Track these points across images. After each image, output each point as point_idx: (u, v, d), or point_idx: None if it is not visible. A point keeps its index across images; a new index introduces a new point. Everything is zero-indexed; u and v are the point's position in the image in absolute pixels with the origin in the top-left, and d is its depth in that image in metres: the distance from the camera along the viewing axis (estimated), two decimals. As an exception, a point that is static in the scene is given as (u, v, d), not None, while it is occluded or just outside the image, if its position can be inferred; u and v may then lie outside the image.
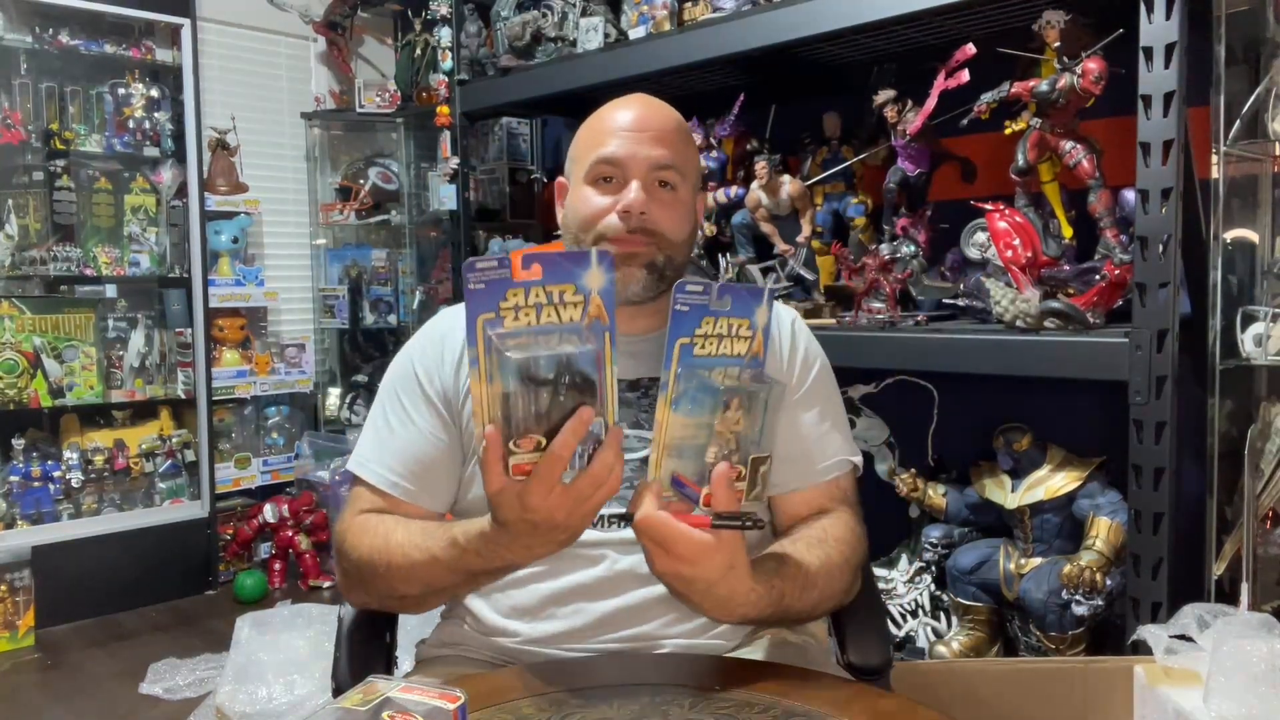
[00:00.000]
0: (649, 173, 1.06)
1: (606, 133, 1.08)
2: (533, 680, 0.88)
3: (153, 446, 3.20)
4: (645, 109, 1.10)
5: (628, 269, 1.06)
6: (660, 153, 1.07)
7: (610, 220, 1.06)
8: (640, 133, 1.07)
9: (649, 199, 1.06)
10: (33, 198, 3.01)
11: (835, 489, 1.12)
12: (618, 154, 1.06)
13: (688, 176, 1.10)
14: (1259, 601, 1.44)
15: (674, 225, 1.08)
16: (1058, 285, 1.63)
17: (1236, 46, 1.50)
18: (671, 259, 1.08)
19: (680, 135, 1.11)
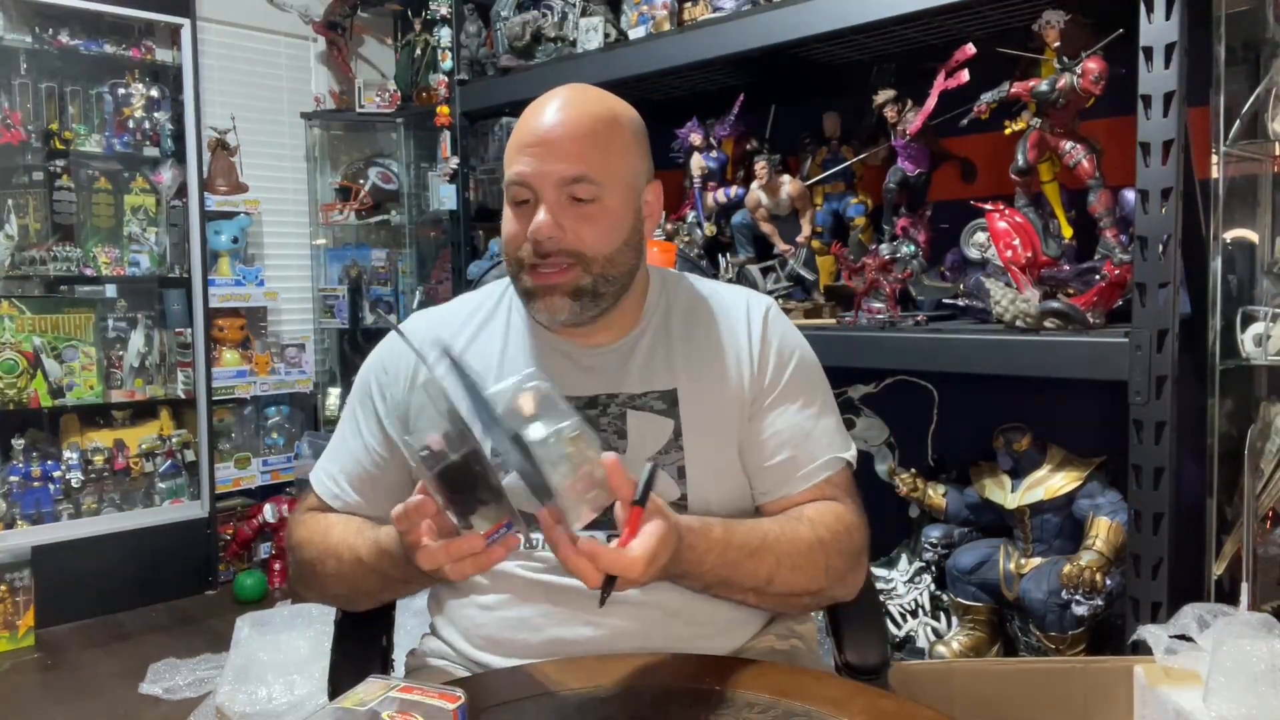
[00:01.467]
0: (559, 189, 0.97)
1: (518, 146, 0.99)
2: (533, 680, 0.88)
3: (153, 446, 3.20)
4: (559, 113, 0.99)
5: (550, 299, 0.98)
6: (568, 166, 0.96)
7: (526, 247, 0.98)
8: (549, 145, 0.97)
9: (562, 218, 0.97)
10: (33, 198, 3.01)
11: (826, 487, 1.06)
12: (525, 173, 0.97)
13: (611, 182, 0.99)
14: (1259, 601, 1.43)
15: (597, 240, 0.98)
16: (1058, 285, 1.63)
17: (1236, 46, 1.50)
18: (603, 275, 0.99)
19: (599, 138, 0.99)
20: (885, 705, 0.85)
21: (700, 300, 1.11)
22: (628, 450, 1.01)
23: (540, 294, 0.99)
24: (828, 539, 1.00)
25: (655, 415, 1.03)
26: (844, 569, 1.03)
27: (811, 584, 1.00)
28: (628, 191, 1.01)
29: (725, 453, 1.05)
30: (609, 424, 1.03)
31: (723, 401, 1.05)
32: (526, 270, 0.99)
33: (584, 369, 1.05)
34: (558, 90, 1.04)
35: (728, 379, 1.05)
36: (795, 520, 1.01)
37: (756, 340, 1.08)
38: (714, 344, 1.07)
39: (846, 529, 1.03)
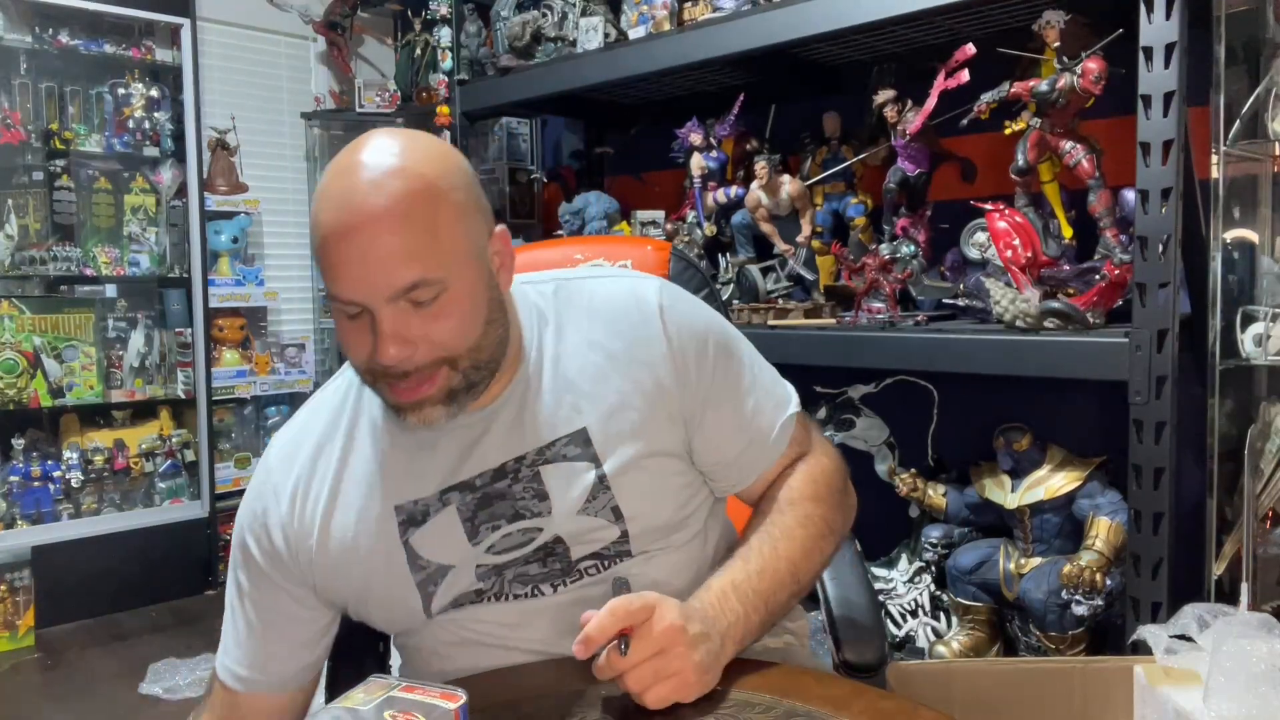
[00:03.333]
0: (390, 304, 0.81)
1: (326, 257, 0.81)
2: (533, 680, 0.88)
3: (153, 446, 3.20)
4: (364, 206, 0.80)
5: (420, 412, 0.86)
6: (395, 276, 0.80)
7: (374, 366, 0.84)
8: (363, 252, 0.79)
9: (408, 330, 0.82)
10: (33, 198, 3.01)
11: (788, 455, 1.02)
12: (346, 294, 0.82)
13: (451, 266, 0.82)
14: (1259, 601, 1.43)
15: (455, 336, 0.84)
16: (1058, 285, 1.63)
17: (1236, 46, 1.50)
18: (473, 366, 0.86)
19: (422, 224, 0.81)
20: (885, 705, 0.85)
21: (586, 312, 0.97)
22: (553, 509, 0.92)
23: (408, 409, 0.86)
24: (816, 510, 0.98)
25: (571, 463, 0.92)
26: (842, 516, 1.01)
27: (829, 552, 0.98)
28: (473, 264, 0.85)
29: (659, 475, 0.95)
30: (525, 489, 0.92)
31: (642, 420, 0.94)
32: (384, 386, 0.86)
33: (477, 441, 0.92)
34: (349, 165, 0.83)
35: (642, 397, 0.94)
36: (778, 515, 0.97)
37: (659, 339, 0.95)
38: (615, 360, 0.94)
39: (825, 482, 1.01)
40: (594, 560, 0.94)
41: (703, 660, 0.81)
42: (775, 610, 0.92)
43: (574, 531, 0.93)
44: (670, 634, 0.79)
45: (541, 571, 0.93)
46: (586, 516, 0.93)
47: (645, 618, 0.80)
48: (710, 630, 0.84)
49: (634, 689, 0.79)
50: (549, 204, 3.02)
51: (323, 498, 0.94)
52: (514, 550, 0.92)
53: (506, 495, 0.92)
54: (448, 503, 0.92)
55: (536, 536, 0.92)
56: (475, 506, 0.92)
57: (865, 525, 1.12)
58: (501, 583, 0.94)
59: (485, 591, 0.94)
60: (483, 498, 0.92)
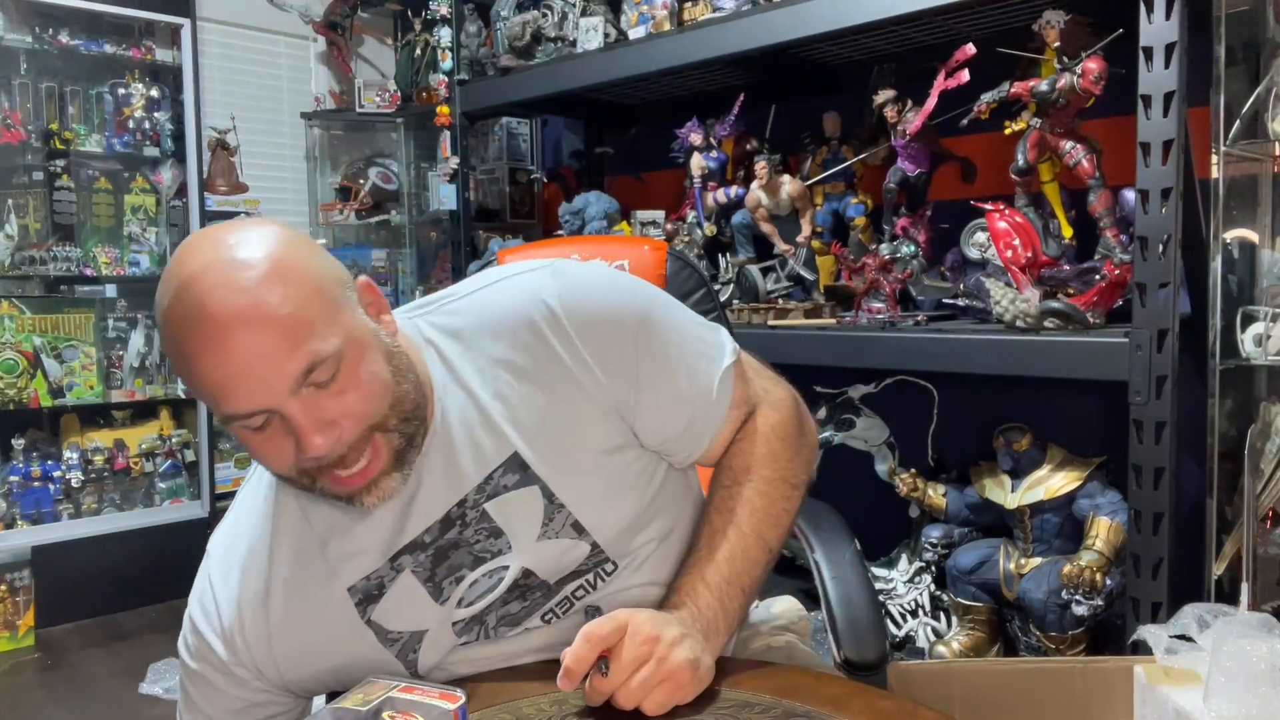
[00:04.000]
0: (292, 398, 0.76)
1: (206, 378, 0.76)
2: (533, 680, 0.88)
3: (153, 446, 3.20)
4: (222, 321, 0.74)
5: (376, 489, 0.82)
6: (289, 369, 0.75)
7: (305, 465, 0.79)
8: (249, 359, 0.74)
9: (322, 415, 0.77)
10: (33, 198, 3.01)
11: (736, 410, 0.96)
12: (250, 407, 0.76)
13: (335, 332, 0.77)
14: (1259, 601, 1.43)
15: (369, 402, 0.79)
16: (1058, 285, 1.63)
17: (1236, 46, 1.50)
18: (406, 419, 0.82)
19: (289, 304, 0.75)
20: (885, 705, 0.85)
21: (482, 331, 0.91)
22: (512, 543, 0.88)
23: (361, 493, 0.82)
24: (772, 472, 0.94)
25: (515, 492, 0.88)
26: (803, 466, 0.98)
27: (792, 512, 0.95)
28: (355, 325, 0.80)
29: (606, 471, 0.91)
30: (476, 531, 0.88)
31: (573, 428, 0.89)
32: (326, 479, 0.81)
33: (413, 496, 0.87)
34: (189, 276, 0.76)
35: (563, 401, 0.89)
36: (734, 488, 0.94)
37: (565, 341, 0.89)
38: (525, 374, 0.89)
39: (775, 434, 0.97)
40: (578, 583, 0.92)
41: (690, 657, 0.80)
42: (752, 589, 0.91)
43: (541, 559, 0.89)
44: (648, 644, 0.79)
45: (524, 606, 0.91)
46: (549, 540, 0.89)
47: (620, 636, 0.79)
48: (689, 629, 0.83)
49: (628, 705, 0.78)
50: (549, 204, 3.02)
51: (271, 603, 0.89)
52: (487, 595, 0.90)
53: (460, 543, 0.88)
54: (401, 568, 0.88)
55: (504, 575, 0.89)
56: (432, 564, 0.88)
57: (865, 525, 1.12)
58: (485, 629, 0.92)
59: (472, 641, 0.92)
60: (437, 553, 0.88)
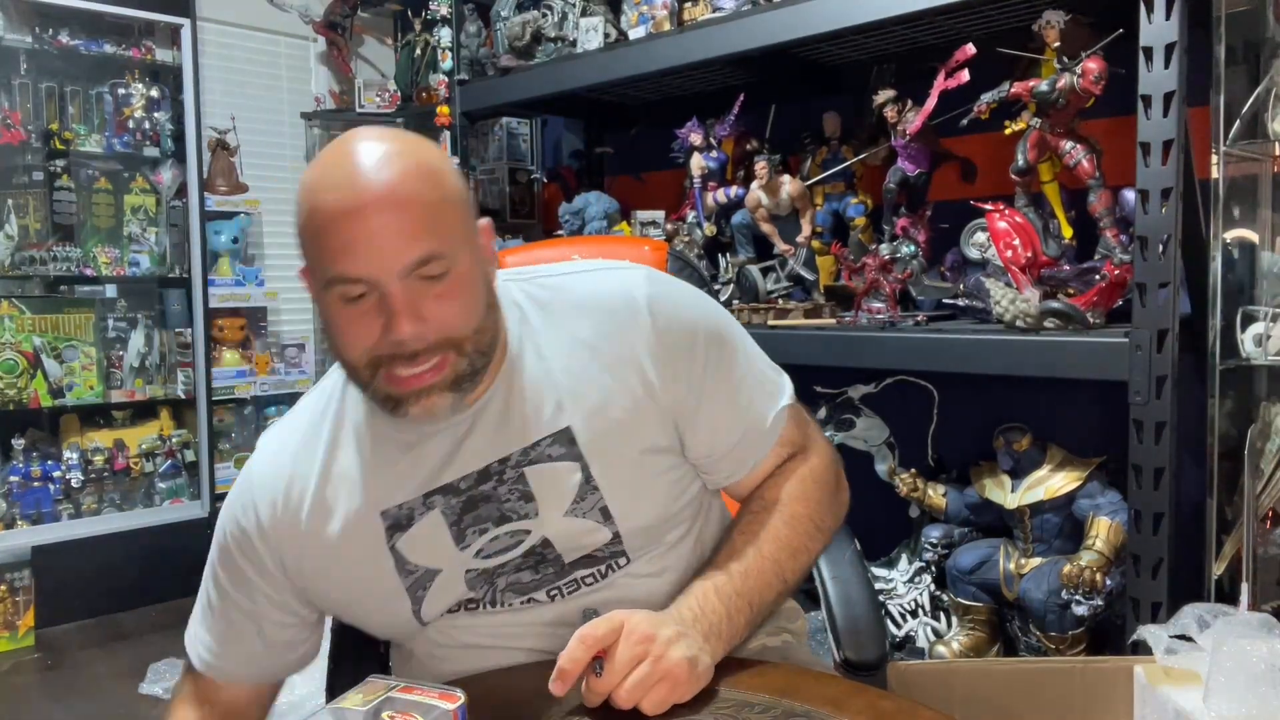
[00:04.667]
0: (402, 278, 0.80)
1: (329, 236, 0.80)
2: (533, 680, 0.88)
3: (153, 446, 3.20)
4: (368, 183, 0.80)
5: (426, 401, 0.84)
6: (409, 250, 0.79)
7: (384, 351, 0.82)
8: (373, 229, 0.79)
9: (420, 307, 0.81)
10: (33, 198, 3.01)
11: (781, 447, 1.00)
12: (355, 272, 0.80)
13: (456, 244, 0.82)
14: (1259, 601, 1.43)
15: (462, 317, 0.83)
16: (1058, 285, 1.63)
17: (1236, 46, 1.50)
18: (476, 351, 0.85)
19: (425, 196, 0.81)
20: (885, 705, 0.85)
21: (570, 309, 0.95)
22: (540, 510, 0.90)
23: (411, 400, 0.84)
24: (804, 509, 0.96)
25: (556, 464, 0.90)
26: (832, 514, 1.00)
27: (816, 550, 0.96)
28: (470, 245, 0.86)
29: (649, 473, 0.94)
30: (509, 490, 0.90)
31: (629, 419, 0.92)
32: (385, 378, 0.83)
33: (460, 443, 0.90)
34: (342, 151, 0.83)
35: (629, 394, 0.92)
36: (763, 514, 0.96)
37: (646, 334, 0.92)
38: (599, 358, 0.92)
39: (814, 480, 0.99)
40: (589, 568, 0.93)
41: (687, 655, 0.80)
42: (762, 609, 0.91)
43: (562, 533, 0.91)
44: (643, 643, 0.79)
45: (534, 579, 0.93)
46: (575, 518, 0.91)
47: (615, 637, 0.79)
48: (687, 630, 0.83)
49: (625, 705, 0.78)
50: (549, 204, 3.02)
51: (306, 503, 0.92)
52: (503, 554, 0.91)
53: (492, 498, 0.91)
54: (432, 506, 0.91)
55: (525, 539, 0.91)
56: (460, 510, 0.91)
57: (865, 525, 1.12)
58: (494, 591, 0.93)
59: (479, 600, 0.93)
60: (468, 501, 0.91)
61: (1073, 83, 1.57)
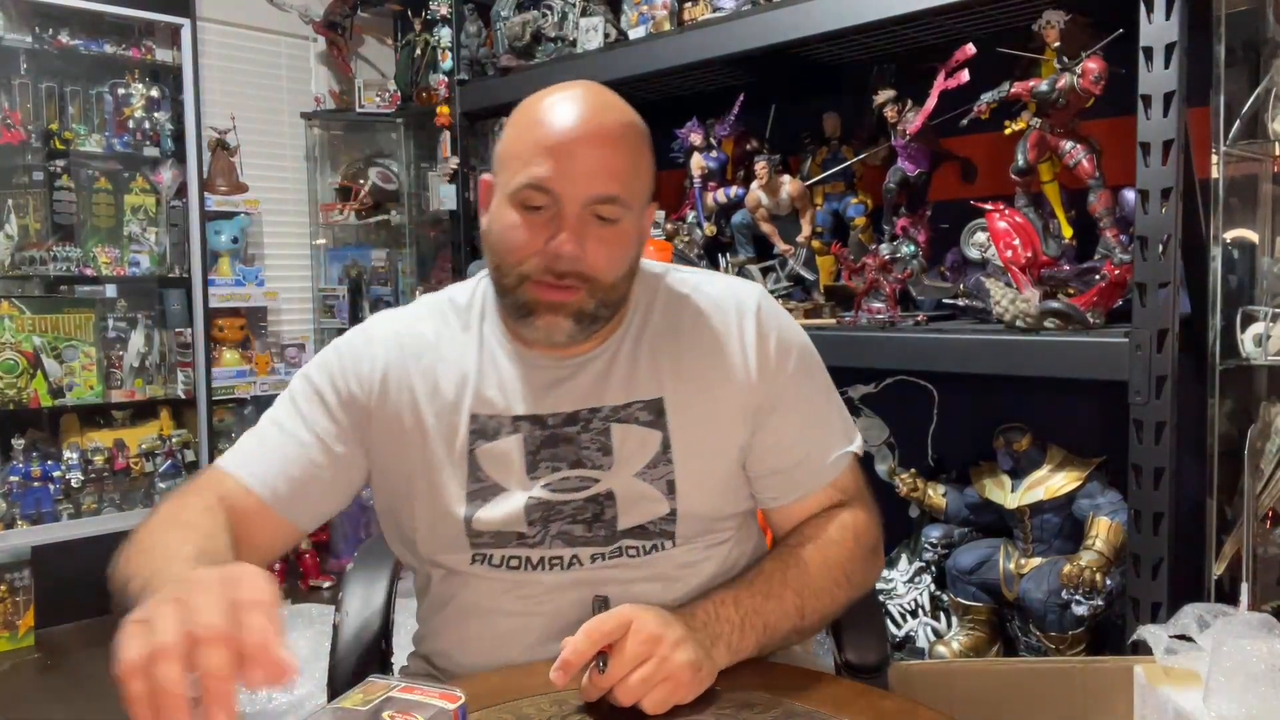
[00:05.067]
0: (585, 206, 0.90)
1: (541, 145, 0.89)
2: (533, 680, 0.88)
3: (153, 446, 3.20)
4: (591, 119, 0.90)
5: (552, 317, 0.92)
6: (602, 185, 0.89)
7: (537, 261, 0.91)
8: (580, 152, 0.89)
9: (584, 238, 0.90)
10: (33, 198, 3.01)
11: (835, 490, 1.03)
12: (548, 181, 0.88)
13: (634, 201, 0.93)
14: (1259, 601, 1.43)
15: (610, 265, 0.92)
16: (1058, 285, 1.63)
17: (1236, 46, 1.50)
18: (605, 300, 0.94)
19: (630, 150, 0.93)
20: (886, 705, 0.85)
21: (684, 299, 1.03)
22: (614, 465, 0.96)
23: (542, 311, 0.92)
24: (838, 555, 0.98)
25: (641, 427, 0.97)
26: (865, 573, 1.01)
27: (840, 599, 0.98)
28: (641, 213, 0.96)
29: (718, 463, 0.99)
30: (591, 439, 0.97)
31: (716, 410, 0.98)
32: (530, 284, 0.92)
33: (562, 383, 0.98)
34: (574, 87, 0.94)
35: (721, 384, 0.99)
36: (799, 549, 0.98)
37: (751, 340, 1.00)
38: (703, 347, 1.00)
39: (855, 534, 1.00)
40: (637, 540, 0.96)
41: (692, 659, 0.81)
42: (773, 637, 0.91)
43: (627, 492, 0.96)
44: (650, 643, 0.79)
45: (585, 535, 0.96)
46: (642, 481, 0.96)
47: (622, 633, 0.80)
48: (696, 633, 0.84)
49: (626, 702, 0.79)
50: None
51: (414, 373, 0.99)
52: (568, 493, 0.96)
53: (573, 441, 0.97)
54: (517, 430, 0.96)
55: (592, 485, 0.96)
56: (541, 443, 0.96)
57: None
58: (545, 535, 0.95)
59: (528, 538, 0.95)
60: (550, 437, 0.97)
61: (1073, 83, 1.57)
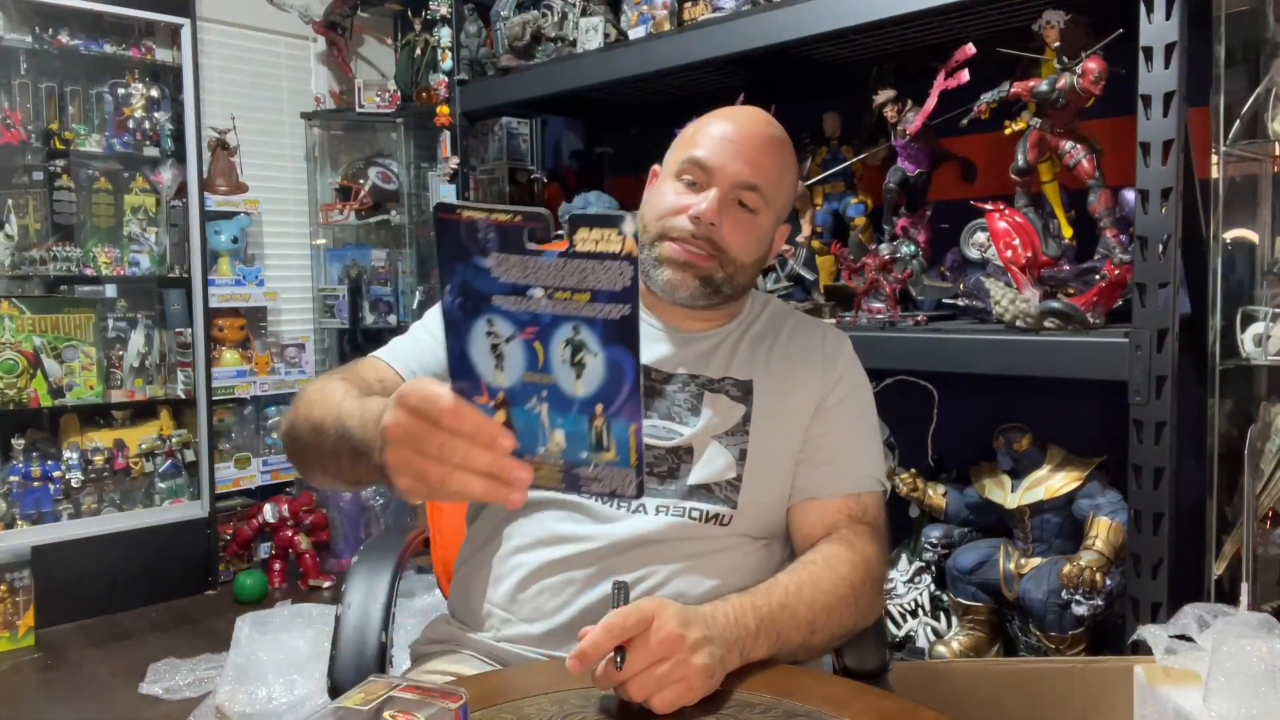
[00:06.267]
0: (732, 188, 1.06)
1: (706, 135, 1.08)
2: (533, 680, 0.88)
3: (153, 446, 3.20)
4: (754, 124, 1.09)
5: (682, 274, 1.06)
6: (749, 172, 1.06)
7: (679, 221, 1.06)
8: (738, 145, 1.07)
9: (723, 213, 1.05)
10: (33, 198, 3.01)
11: (856, 504, 1.08)
12: (707, 159, 1.06)
13: (772, 204, 1.09)
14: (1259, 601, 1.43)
15: (742, 246, 1.07)
16: (1058, 285, 1.63)
17: (1236, 46, 1.50)
18: (731, 278, 1.08)
19: (780, 157, 1.10)
20: (886, 705, 0.85)
21: (787, 314, 1.20)
22: (698, 425, 1.07)
23: (674, 265, 1.06)
24: (850, 576, 1.00)
25: (729, 400, 1.09)
26: (870, 602, 1.03)
27: (848, 622, 1.00)
28: (778, 218, 1.12)
29: (783, 445, 1.09)
30: (685, 400, 1.09)
31: (792, 406, 1.10)
32: (668, 242, 1.07)
33: (673, 349, 1.12)
34: (750, 109, 1.13)
35: (801, 388, 1.11)
36: (813, 565, 1.00)
37: (832, 360, 1.14)
38: (794, 356, 1.14)
39: (866, 561, 1.03)
40: (701, 500, 1.04)
41: (706, 663, 0.81)
42: (784, 647, 0.93)
43: (705, 449, 1.06)
44: (669, 642, 0.80)
45: (658, 487, 1.04)
46: (720, 445, 1.06)
47: (643, 629, 0.80)
48: (714, 635, 0.84)
49: (637, 697, 0.79)
50: (549, 204, 3.01)
51: None
52: (653, 439, 1.06)
53: (667, 397, 1.09)
54: None
55: (675, 438, 1.06)
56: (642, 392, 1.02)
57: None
58: None
59: None
60: (649, 388, 1.09)
61: (1073, 83, 1.57)
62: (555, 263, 0.66)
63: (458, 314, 0.68)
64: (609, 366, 0.68)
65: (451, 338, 0.69)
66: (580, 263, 0.65)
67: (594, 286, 0.66)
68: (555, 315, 0.67)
